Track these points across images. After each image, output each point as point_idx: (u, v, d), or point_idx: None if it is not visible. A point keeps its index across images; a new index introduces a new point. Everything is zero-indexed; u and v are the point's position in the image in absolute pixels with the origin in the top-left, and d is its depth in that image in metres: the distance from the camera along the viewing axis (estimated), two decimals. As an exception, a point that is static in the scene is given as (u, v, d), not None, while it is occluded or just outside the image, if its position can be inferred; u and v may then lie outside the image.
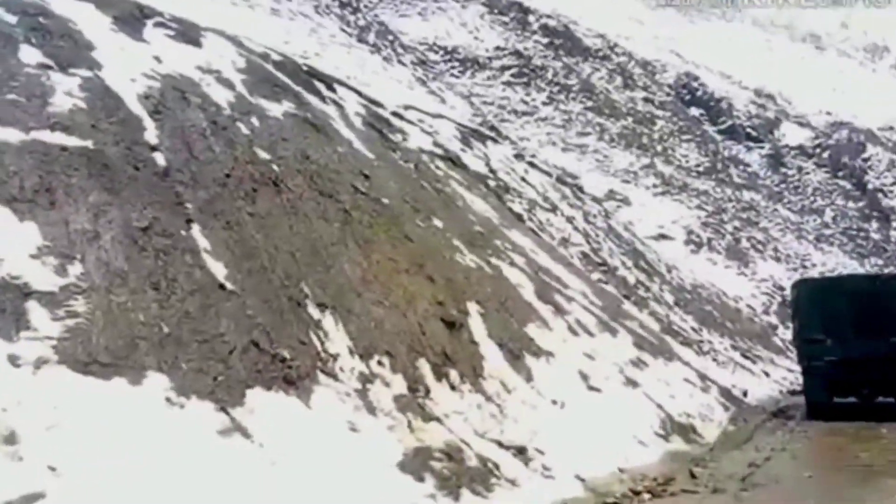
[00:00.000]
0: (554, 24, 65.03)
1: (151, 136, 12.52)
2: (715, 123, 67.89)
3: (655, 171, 54.35)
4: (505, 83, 56.11)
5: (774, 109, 74.18)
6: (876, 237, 63.39)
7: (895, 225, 65.03)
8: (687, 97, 68.85)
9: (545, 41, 62.35)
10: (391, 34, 45.56)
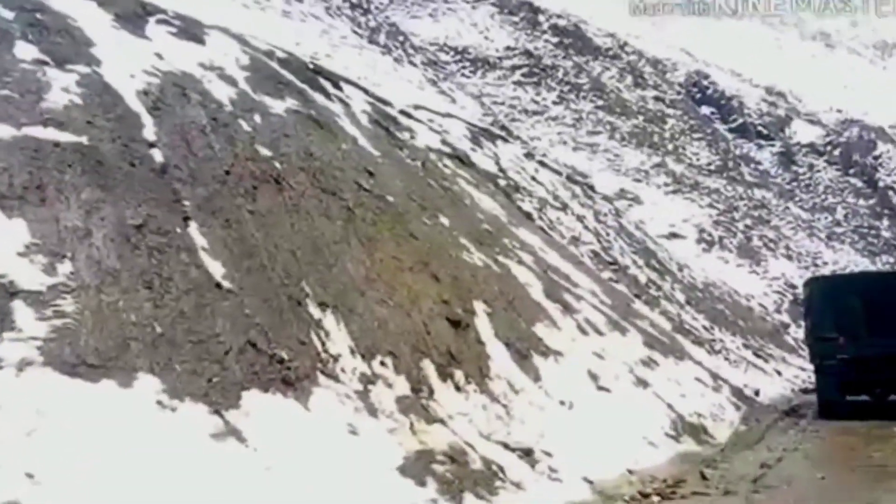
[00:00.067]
0: (564, 23, 64.93)
1: (150, 132, 12.27)
2: (726, 122, 67.79)
3: (666, 169, 54.22)
4: (515, 83, 56.06)
5: (785, 107, 74.05)
6: (887, 235, 63.32)
7: (906, 222, 64.84)
8: (698, 95, 68.72)
9: (555, 40, 62.26)
10: (402, 35, 45.46)
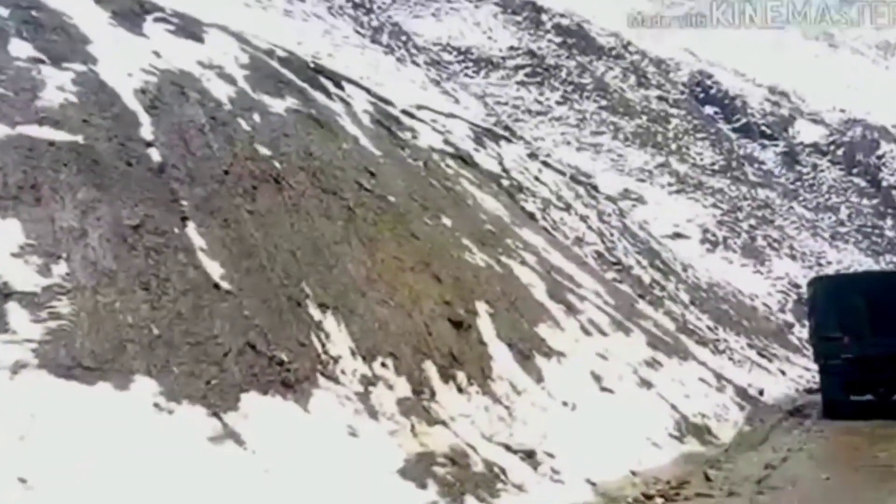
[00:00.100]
0: (567, 23, 64.98)
1: (147, 131, 12.12)
2: (729, 121, 67.91)
3: (670, 169, 54.24)
4: (519, 83, 56.08)
5: (788, 107, 74.19)
6: (891, 234, 63.56)
7: (910, 222, 64.93)
8: (701, 95, 68.83)
9: (559, 40, 62.31)
10: (405, 35, 45.40)
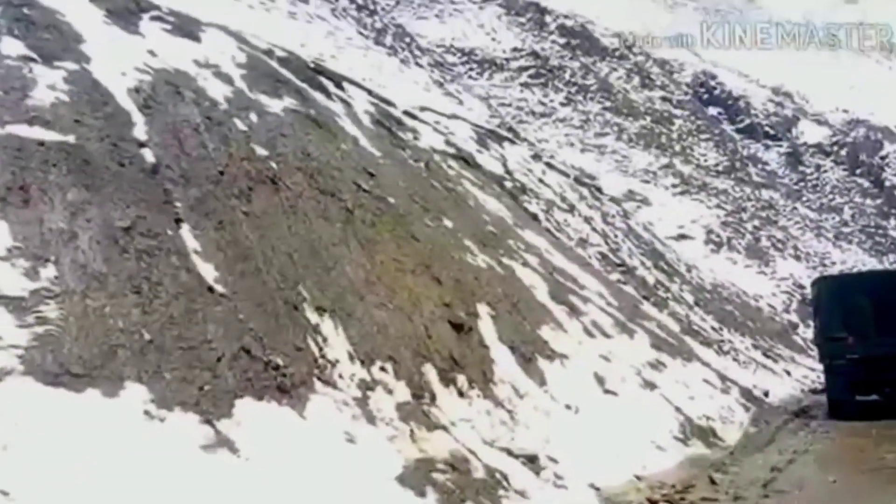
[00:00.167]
0: (571, 24, 64.99)
1: (140, 131, 11.87)
2: (733, 122, 68.02)
3: (674, 170, 54.26)
4: (522, 84, 56.16)
5: (792, 108, 74.36)
6: (894, 234, 63.98)
7: (912, 221, 65.06)
8: (705, 96, 68.91)
9: (562, 41, 62.37)
10: (408, 37, 45.26)
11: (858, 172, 68.94)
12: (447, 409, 12.34)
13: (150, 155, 11.58)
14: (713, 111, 67.73)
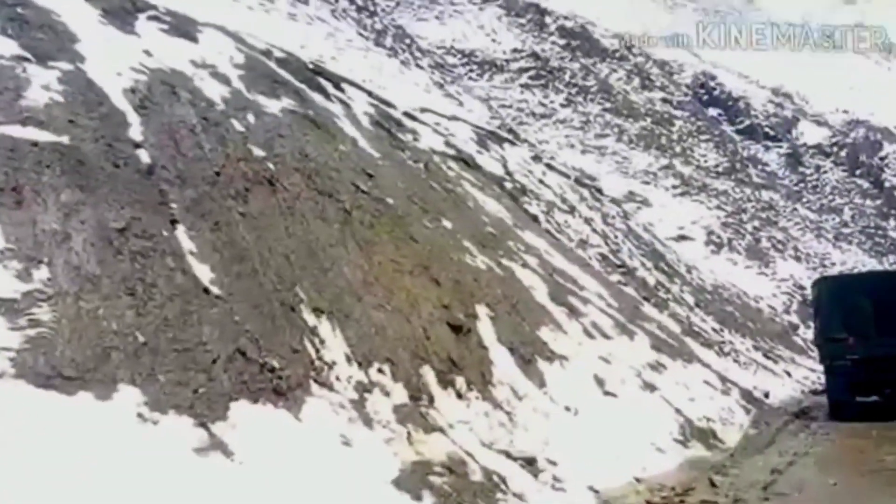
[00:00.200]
0: (571, 25, 65.02)
1: (136, 132, 11.76)
2: (733, 123, 68.07)
3: (675, 171, 54.26)
4: (523, 85, 56.17)
5: (792, 108, 74.46)
6: (894, 235, 64.09)
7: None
8: (705, 97, 68.93)
9: (562, 42, 62.40)
10: (408, 38, 45.26)
11: (858, 173, 69.08)
12: (445, 411, 12.24)
13: (145, 156, 11.48)
14: (713, 112, 67.78)
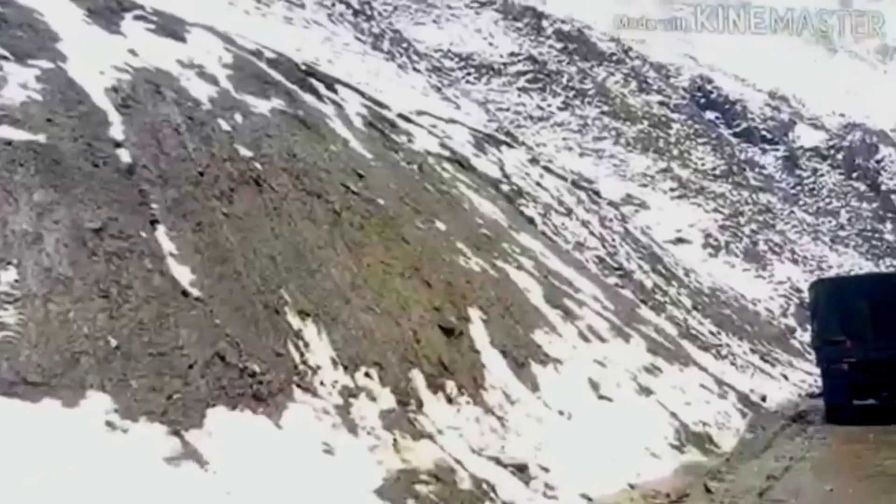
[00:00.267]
0: (568, 28, 65.11)
1: (117, 131, 11.46)
2: (730, 126, 68.37)
3: (672, 174, 54.33)
4: (520, 89, 56.25)
5: (788, 112, 74.82)
6: (890, 238, 64.37)
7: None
8: (702, 100, 69.19)
9: (560, 46, 62.55)
10: (406, 42, 45.22)
11: (855, 176, 69.46)
12: (434, 416, 11.97)
13: (126, 155, 11.17)
14: (710, 115, 68.00)
